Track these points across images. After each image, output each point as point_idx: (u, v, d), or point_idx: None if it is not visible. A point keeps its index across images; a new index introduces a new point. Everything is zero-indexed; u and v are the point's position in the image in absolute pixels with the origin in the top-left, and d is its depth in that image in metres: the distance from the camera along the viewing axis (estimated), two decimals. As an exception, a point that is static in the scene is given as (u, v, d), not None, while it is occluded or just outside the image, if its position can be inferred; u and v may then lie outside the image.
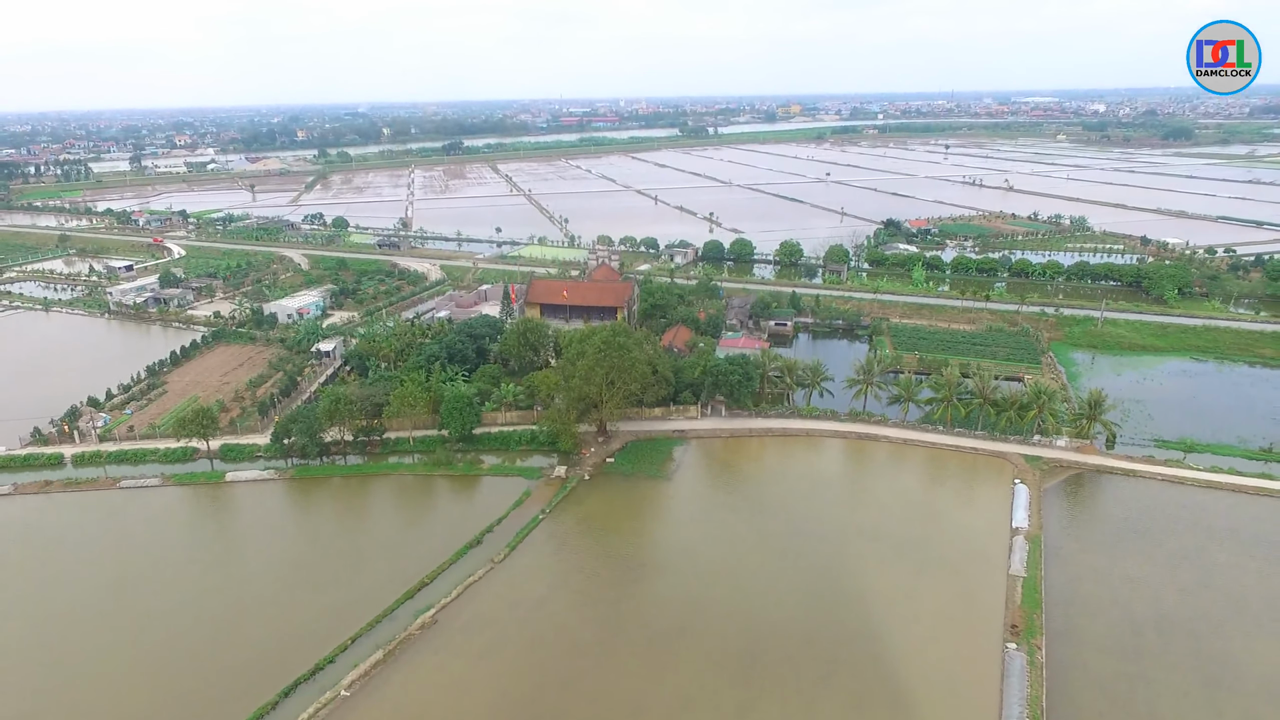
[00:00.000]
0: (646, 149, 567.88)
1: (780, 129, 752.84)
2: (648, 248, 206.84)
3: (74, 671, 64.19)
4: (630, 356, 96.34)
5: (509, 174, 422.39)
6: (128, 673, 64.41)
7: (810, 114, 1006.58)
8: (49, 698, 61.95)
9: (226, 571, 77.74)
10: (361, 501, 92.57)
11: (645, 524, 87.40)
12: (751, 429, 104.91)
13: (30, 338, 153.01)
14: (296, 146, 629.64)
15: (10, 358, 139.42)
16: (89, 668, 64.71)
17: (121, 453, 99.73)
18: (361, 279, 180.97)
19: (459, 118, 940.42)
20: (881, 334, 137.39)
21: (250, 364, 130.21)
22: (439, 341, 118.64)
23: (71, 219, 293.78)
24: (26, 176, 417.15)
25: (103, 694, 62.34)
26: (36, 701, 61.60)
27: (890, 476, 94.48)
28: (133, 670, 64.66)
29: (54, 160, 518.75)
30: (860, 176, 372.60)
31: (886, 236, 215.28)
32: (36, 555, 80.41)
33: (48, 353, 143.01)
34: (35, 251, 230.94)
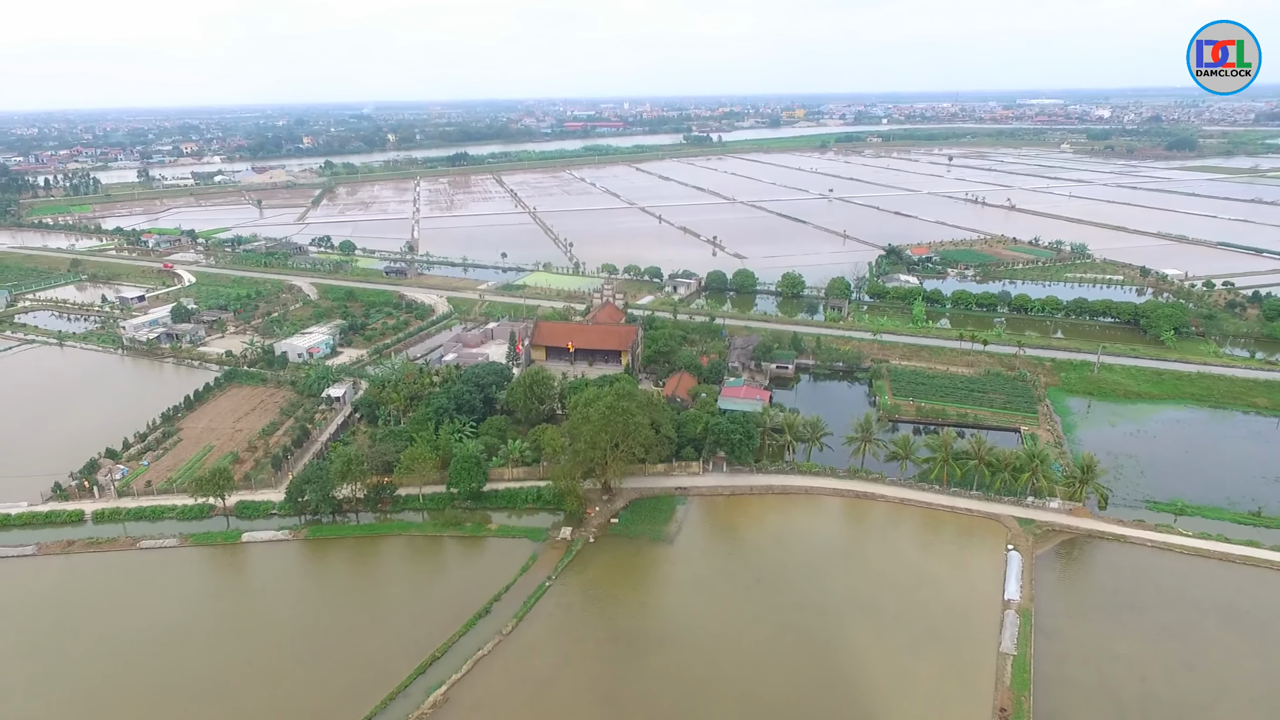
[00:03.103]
0: (650, 158, 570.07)
1: (784, 136, 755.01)
2: (651, 276, 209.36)
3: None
4: (634, 421, 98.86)
5: (514, 187, 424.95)
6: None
7: (814, 118, 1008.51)
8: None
9: (243, 642, 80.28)
10: (373, 564, 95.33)
11: (648, 593, 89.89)
12: (752, 486, 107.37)
13: (46, 375, 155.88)
14: (302, 154, 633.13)
15: (28, 398, 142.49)
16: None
17: (140, 510, 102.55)
18: (370, 311, 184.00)
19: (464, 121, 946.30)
20: (881, 378, 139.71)
21: (262, 408, 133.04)
22: (447, 392, 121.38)
23: (81, 238, 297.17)
24: (36, 190, 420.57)
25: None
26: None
27: (887, 540, 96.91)
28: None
29: (62, 168, 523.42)
30: (863, 193, 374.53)
31: (888, 266, 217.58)
32: (57, 623, 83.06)
33: (63, 392, 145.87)
34: (47, 277, 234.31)
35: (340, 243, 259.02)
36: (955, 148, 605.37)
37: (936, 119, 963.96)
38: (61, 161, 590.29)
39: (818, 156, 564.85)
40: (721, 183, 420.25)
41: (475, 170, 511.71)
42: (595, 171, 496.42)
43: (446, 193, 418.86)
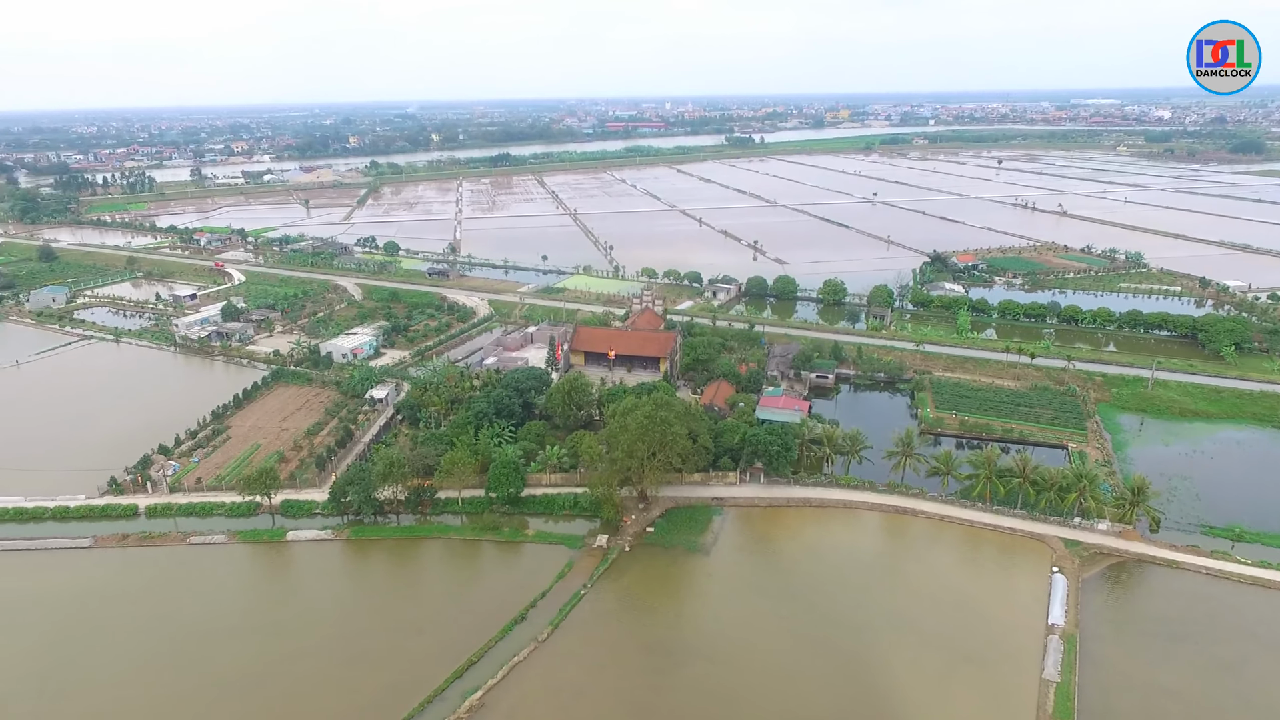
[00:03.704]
0: (691, 160, 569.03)
1: (828, 137, 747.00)
2: (691, 281, 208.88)
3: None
4: (672, 431, 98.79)
5: (555, 188, 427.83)
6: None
7: (859, 119, 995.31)
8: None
9: (285, 640, 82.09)
10: (413, 567, 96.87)
11: (682, 604, 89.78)
12: (789, 498, 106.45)
13: (103, 370, 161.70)
14: (348, 154, 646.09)
15: (86, 393, 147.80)
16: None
17: (190, 506, 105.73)
18: (413, 313, 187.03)
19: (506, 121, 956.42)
20: (923, 390, 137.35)
21: (308, 408, 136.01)
22: (487, 396, 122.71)
23: (137, 236, 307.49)
24: (94, 188, 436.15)
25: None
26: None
27: (926, 557, 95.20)
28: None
29: (119, 167, 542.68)
30: (908, 197, 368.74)
31: (932, 274, 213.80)
32: (111, 615, 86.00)
33: (119, 388, 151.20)
34: (105, 274, 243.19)
35: (385, 243, 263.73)
36: (1005, 150, 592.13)
37: (986, 120, 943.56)
38: (119, 160, 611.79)
39: (862, 159, 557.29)
40: (763, 185, 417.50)
41: (517, 171, 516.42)
42: (636, 173, 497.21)
43: (488, 193, 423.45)
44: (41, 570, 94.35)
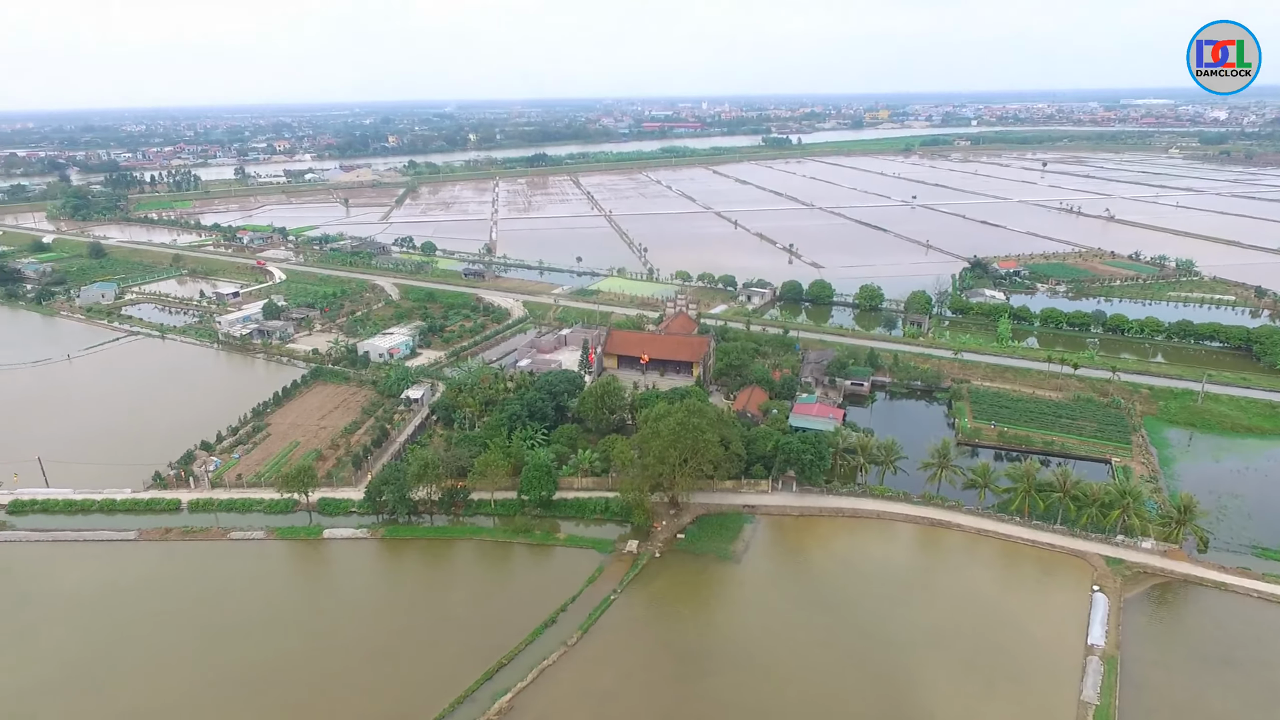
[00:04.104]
0: (728, 161, 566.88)
1: (867, 138, 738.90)
2: (725, 285, 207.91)
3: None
4: (704, 438, 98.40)
5: (590, 189, 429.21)
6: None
7: (899, 119, 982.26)
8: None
9: (320, 637, 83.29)
10: (445, 567, 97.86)
11: (712, 612, 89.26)
12: (822, 508, 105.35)
13: (148, 366, 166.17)
14: (387, 153, 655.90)
15: (133, 388, 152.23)
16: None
17: (231, 501, 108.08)
18: (449, 313, 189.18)
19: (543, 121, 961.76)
20: (961, 399, 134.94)
21: (345, 407, 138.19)
22: (520, 399, 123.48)
23: (183, 233, 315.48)
24: (142, 185, 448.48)
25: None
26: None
27: (962, 571, 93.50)
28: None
29: (166, 165, 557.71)
30: (948, 200, 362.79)
31: (972, 280, 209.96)
32: (154, 608, 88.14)
33: (165, 384, 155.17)
34: (151, 271, 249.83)
35: (422, 243, 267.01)
36: (1050, 152, 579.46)
37: (1030, 120, 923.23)
38: (166, 158, 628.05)
39: (901, 160, 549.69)
40: (800, 187, 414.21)
41: (553, 171, 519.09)
42: (671, 174, 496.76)
43: (524, 193, 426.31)
44: (89, 561, 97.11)
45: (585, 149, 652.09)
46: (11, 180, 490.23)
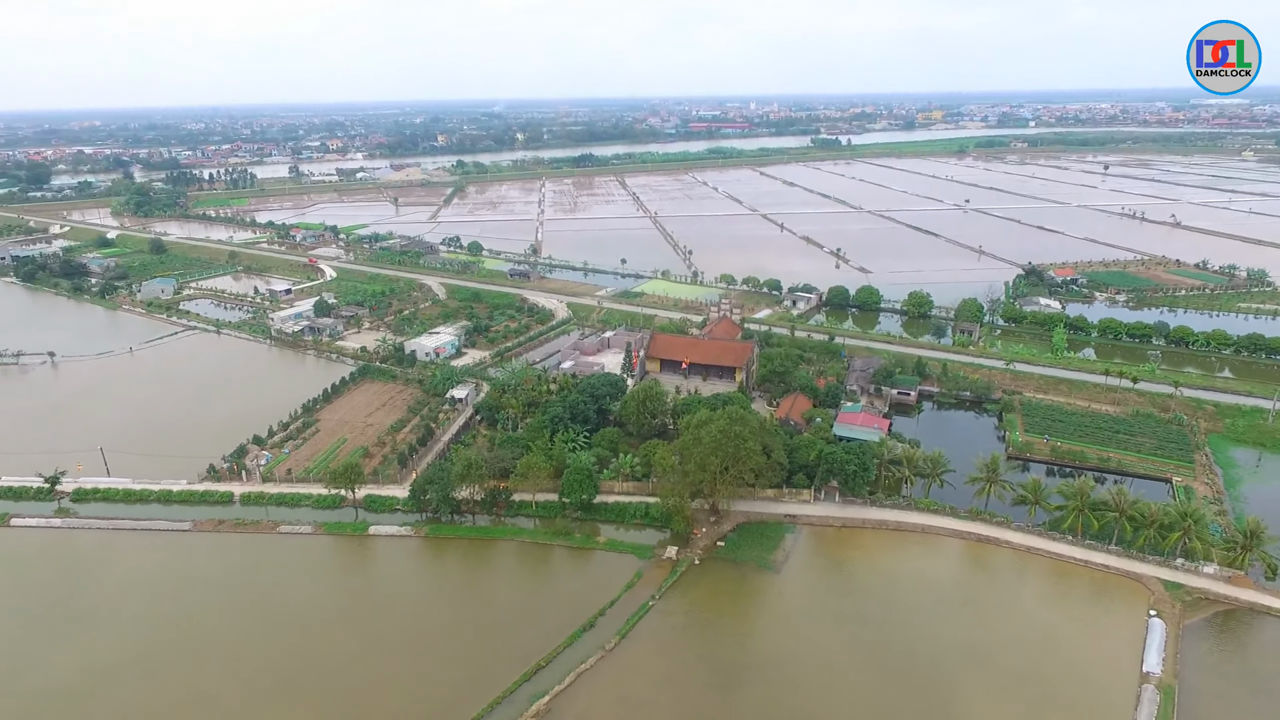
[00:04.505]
0: (775, 162, 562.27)
1: (919, 139, 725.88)
2: (770, 289, 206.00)
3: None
4: (746, 446, 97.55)
5: (636, 190, 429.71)
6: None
7: (953, 120, 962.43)
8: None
9: (363, 632, 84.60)
10: (486, 567, 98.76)
11: (751, 622, 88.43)
12: (865, 519, 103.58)
13: (204, 360, 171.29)
14: (436, 152, 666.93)
15: (189, 382, 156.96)
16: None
17: (281, 495, 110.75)
18: (494, 313, 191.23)
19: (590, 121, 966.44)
20: (1012, 411, 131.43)
21: (391, 405, 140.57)
22: (563, 401, 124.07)
23: (238, 230, 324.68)
24: (201, 183, 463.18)
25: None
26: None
27: (1009, 590, 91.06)
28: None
29: (223, 163, 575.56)
30: (1003, 204, 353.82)
31: (1026, 288, 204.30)
32: (207, 598, 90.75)
33: (219, 378, 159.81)
34: (208, 267, 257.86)
35: (469, 243, 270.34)
36: (1113, 154, 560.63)
37: (1092, 121, 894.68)
38: (223, 156, 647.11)
39: (954, 162, 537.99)
40: (848, 189, 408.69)
41: (599, 171, 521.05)
42: (718, 175, 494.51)
43: (570, 194, 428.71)
44: (146, 550, 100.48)
45: (631, 149, 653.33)
46: (79, 177, 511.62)
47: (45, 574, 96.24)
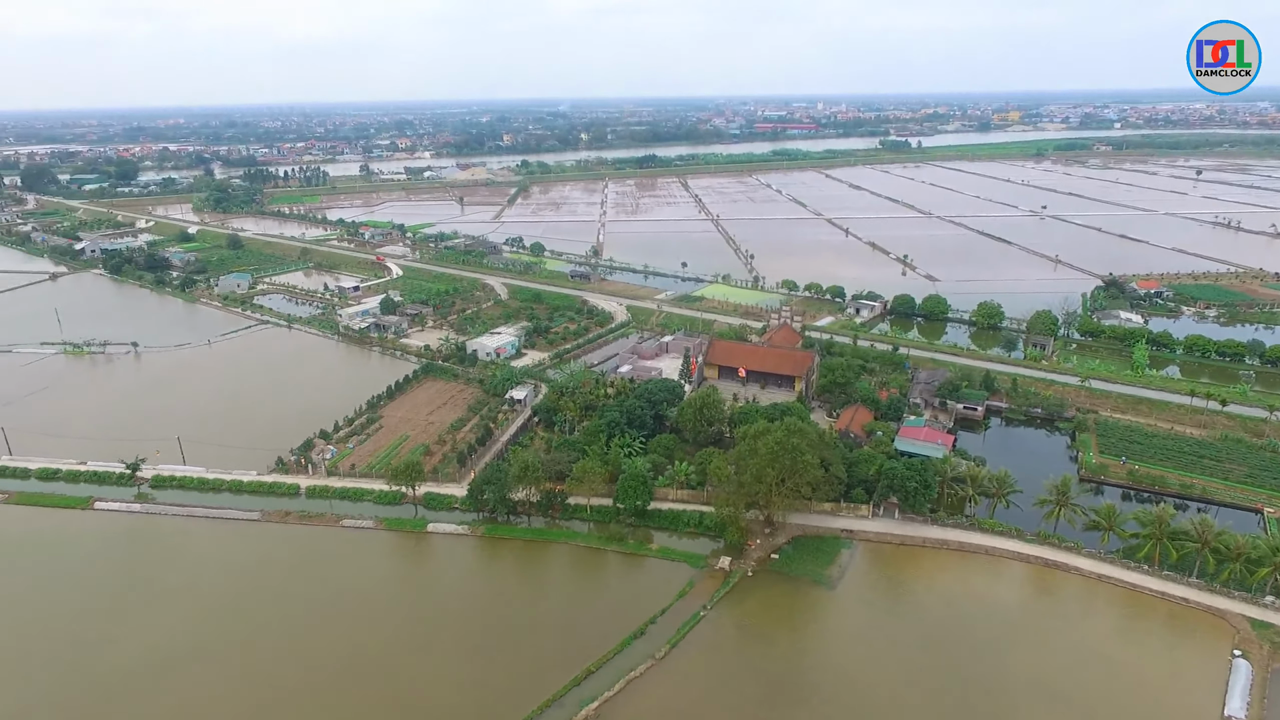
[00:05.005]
0: (842, 164, 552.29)
1: (994, 141, 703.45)
2: (833, 296, 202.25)
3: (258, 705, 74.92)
4: (803, 459, 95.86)
5: (699, 191, 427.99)
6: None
7: (1031, 121, 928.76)
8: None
9: (419, 629, 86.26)
10: (540, 569, 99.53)
11: (803, 638, 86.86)
12: (925, 538, 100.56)
13: (275, 354, 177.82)
14: (501, 151, 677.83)
15: (261, 375, 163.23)
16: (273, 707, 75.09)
17: (344, 490, 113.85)
18: (554, 315, 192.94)
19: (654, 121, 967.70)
20: (1086, 431, 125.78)
21: (452, 403, 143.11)
22: (620, 406, 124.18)
23: (310, 227, 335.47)
24: (276, 180, 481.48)
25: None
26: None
27: (1078, 620, 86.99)
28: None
29: (298, 160, 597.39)
30: (1083, 210, 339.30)
31: (1106, 300, 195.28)
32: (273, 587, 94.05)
33: (289, 372, 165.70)
34: (282, 263, 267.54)
35: (531, 244, 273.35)
36: (1207, 159, 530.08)
37: (1185, 123, 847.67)
38: (298, 154, 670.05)
39: (1032, 166, 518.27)
40: (917, 194, 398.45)
41: (662, 172, 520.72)
42: (782, 177, 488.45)
43: (633, 195, 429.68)
44: (217, 538, 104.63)
45: (695, 150, 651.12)
46: (164, 173, 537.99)
47: (125, 556, 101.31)
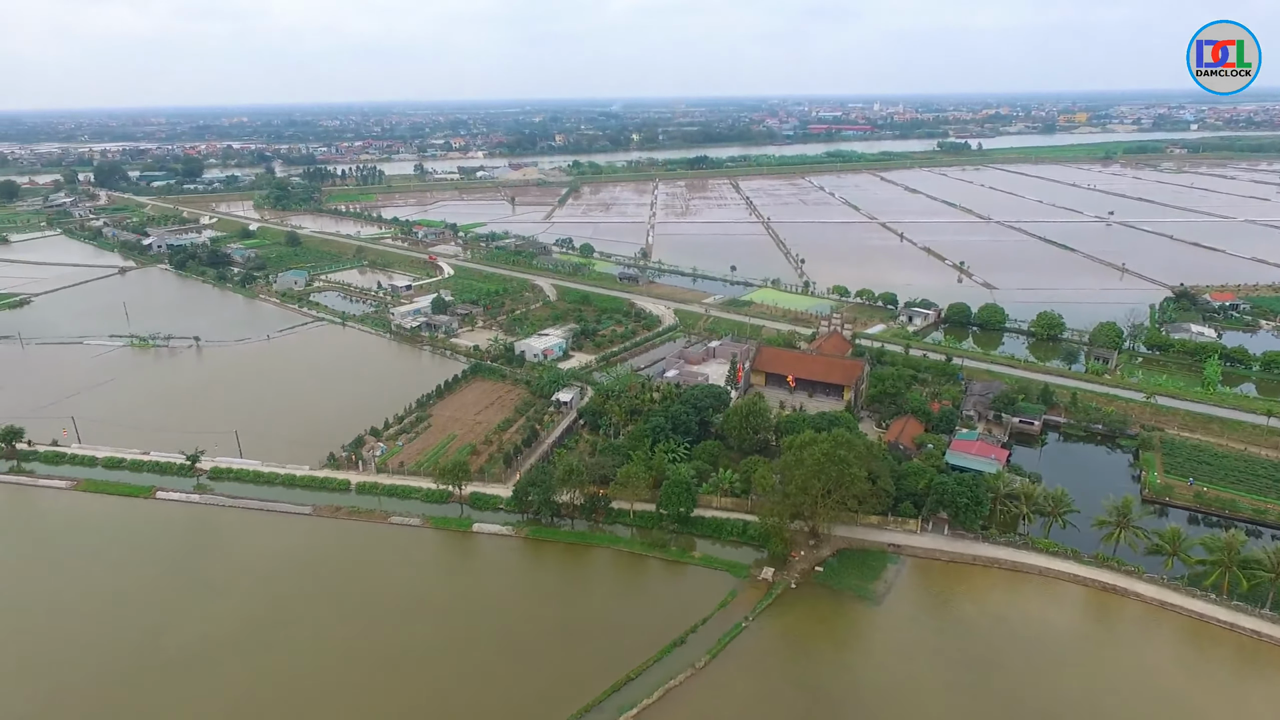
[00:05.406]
0: (898, 167, 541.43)
1: (1059, 144, 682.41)
2: (885, 303, 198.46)
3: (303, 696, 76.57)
4: (850, 472, 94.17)
5: (750, 194, 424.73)
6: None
7: (1099, 122, 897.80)
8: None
9: (460, 627, 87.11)
10: (582, 573, 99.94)
11: (847, 654, 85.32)
12: (976, 556, 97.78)
13: (330, 351, 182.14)
14: (553, 152, 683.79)
15: (315, 371, 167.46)
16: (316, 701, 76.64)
17: (393, 487, 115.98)
18: (601, 317, 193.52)
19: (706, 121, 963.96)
20: (1151, 450, 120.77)
21: (500, 404, 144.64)
22: (665, 411, 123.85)
23: (365, 225, 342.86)
24: (334, 179, 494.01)
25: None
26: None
27: (1138, 649, 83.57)
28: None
29: (355, 159, 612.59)
30: (1153, 217, 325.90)
31: (1175, 312, 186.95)
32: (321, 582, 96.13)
33: (342, 369, 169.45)
34: (337, 261, 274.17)
35: (580, 245, 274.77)
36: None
37: (1269, 124, 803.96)
38: (355, 153, 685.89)
39: (1099, 170, 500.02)
40: (976, 197, 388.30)
41: (713, 174, 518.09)
42: (836, 179, 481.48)
43: (683, 196, 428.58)
44: (270, 530, 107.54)
45: (747, 151, 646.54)
46: (228, 171, 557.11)
47: (183, 545, 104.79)
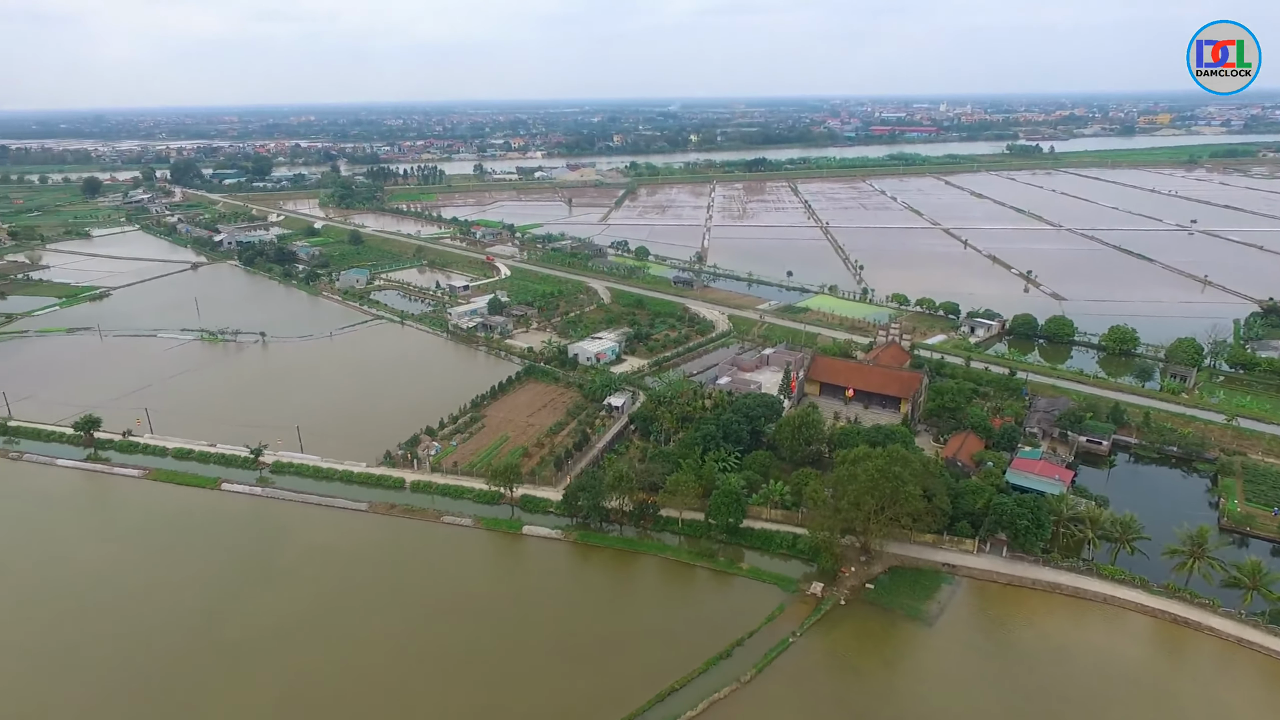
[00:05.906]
0: (963, 170, 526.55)
1: (1138, 147, 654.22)
2: (947, 313, 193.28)
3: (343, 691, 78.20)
4: (905, 489, 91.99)
5: (808, 197, 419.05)
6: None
7: (1184, 124, 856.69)
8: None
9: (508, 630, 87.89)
10: (629, 580, 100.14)
11: (896, 676, 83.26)
12: (1035, 580, 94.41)
13: (389, 350, 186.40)
14: (611, 152, 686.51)
15: (373, 369, 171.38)
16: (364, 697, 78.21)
17: (446, 486, 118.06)
18: (655, 321, 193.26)
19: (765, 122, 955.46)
20: (1231, 475, 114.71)
21: (552, 406, 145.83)
22: (716, 419, 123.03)
23: (425, 225, 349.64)
24: (396, 178, 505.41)
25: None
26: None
27: (1209, 686, 79.51)
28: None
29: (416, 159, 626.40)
30: (1242, 225, 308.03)
31: (1263, 329, 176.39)
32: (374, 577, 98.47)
33: (400, 367, 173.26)
34: (398, 260, 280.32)
35: (636, 247, 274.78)
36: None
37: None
38: (416, 152, 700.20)
39: (1182, 175, 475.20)
40: (1047, 203, 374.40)
41: (771, 177, 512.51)
42: (898, 183, 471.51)
43: (740, 199, 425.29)
44: (327, 525, 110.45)
45: (807, 153, 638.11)
46: (295, 169, 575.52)
47: (245, 537, 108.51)
